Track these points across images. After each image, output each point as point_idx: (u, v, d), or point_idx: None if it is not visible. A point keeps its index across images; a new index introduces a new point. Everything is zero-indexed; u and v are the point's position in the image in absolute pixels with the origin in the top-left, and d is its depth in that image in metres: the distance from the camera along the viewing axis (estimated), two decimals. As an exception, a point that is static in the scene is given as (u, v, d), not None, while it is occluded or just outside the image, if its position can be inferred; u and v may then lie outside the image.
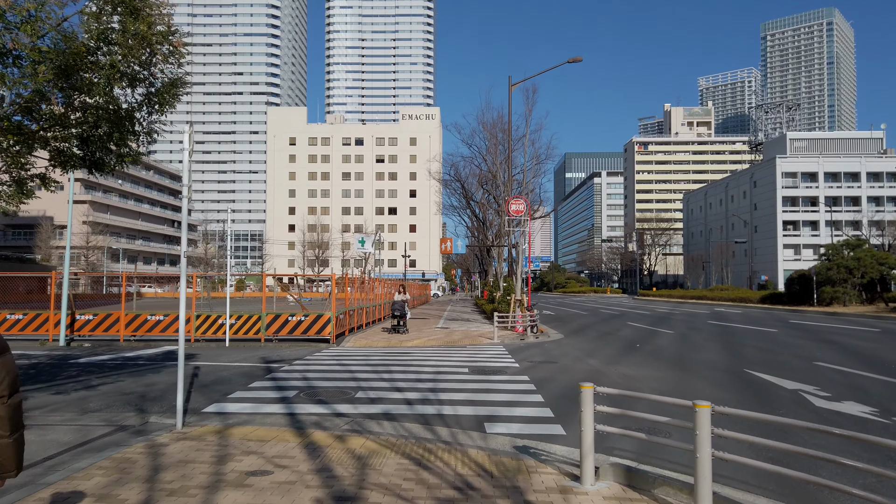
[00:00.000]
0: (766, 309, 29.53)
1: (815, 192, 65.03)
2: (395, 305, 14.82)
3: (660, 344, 13.40)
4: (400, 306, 14.77)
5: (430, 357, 10.72)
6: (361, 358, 10.47)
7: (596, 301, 48.22)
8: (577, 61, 20.84)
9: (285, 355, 10.93)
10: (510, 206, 17.11)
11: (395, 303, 14.91)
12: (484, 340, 14.29)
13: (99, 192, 75.69)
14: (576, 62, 20.86)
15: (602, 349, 12.39)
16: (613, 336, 15.71)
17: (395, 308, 14.82)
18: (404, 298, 15.20)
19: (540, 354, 11.43)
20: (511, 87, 20.82)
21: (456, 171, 32.77)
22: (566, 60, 21.05)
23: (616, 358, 10.80)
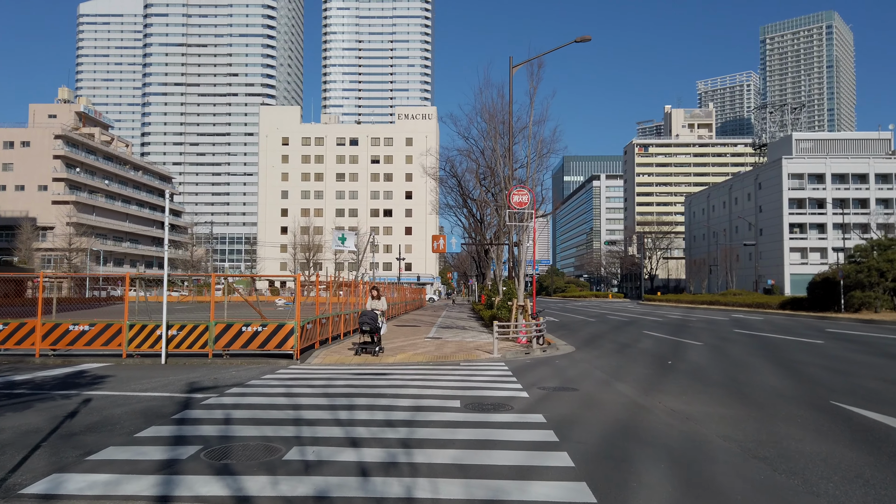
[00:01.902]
0: (789, 315, 27.27)
1: (823, 193, 63.14)
2: (364, 317, 11.35)
3: (695, 360, 11.03)
4: (371, 318, 11.30)
5: (413, 380, 8.31)
6: (322, 383, 8.05)
7: (599, 306, 45.89)
8: (585, 40, 18.61)
9: (225, 378, 8.49)
10: (512, 198, 14.76)
11: (365, 313, 11.40)
12: (481, 355, 11.91)
13: (84, 193, 73.21)
14: (584, 41, 18.62)
15: (627, 368, 10.01)
16: (633, 349, 13.35)
17: (363, 320, 11.33)
18: (378, 308, 11.77)
19: (552, 376, 9.04)
20: (512, 68, 18.53)
21: (452, 166, 30.50)
22: (573, 40, 18.81)
23: (651, 381, 8.42)
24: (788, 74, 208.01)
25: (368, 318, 11.38)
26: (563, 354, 12.40)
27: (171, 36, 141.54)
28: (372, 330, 11.42)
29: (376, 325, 11.39)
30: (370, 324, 11.35)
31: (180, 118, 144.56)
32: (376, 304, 11.86)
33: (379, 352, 11.48)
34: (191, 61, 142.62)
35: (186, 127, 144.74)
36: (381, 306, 11.81)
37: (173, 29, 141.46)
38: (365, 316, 11.45)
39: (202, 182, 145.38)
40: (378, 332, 11.48)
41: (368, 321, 11.37)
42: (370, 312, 11.46)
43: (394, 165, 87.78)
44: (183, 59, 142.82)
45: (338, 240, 16.00)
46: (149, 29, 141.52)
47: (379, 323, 11.51)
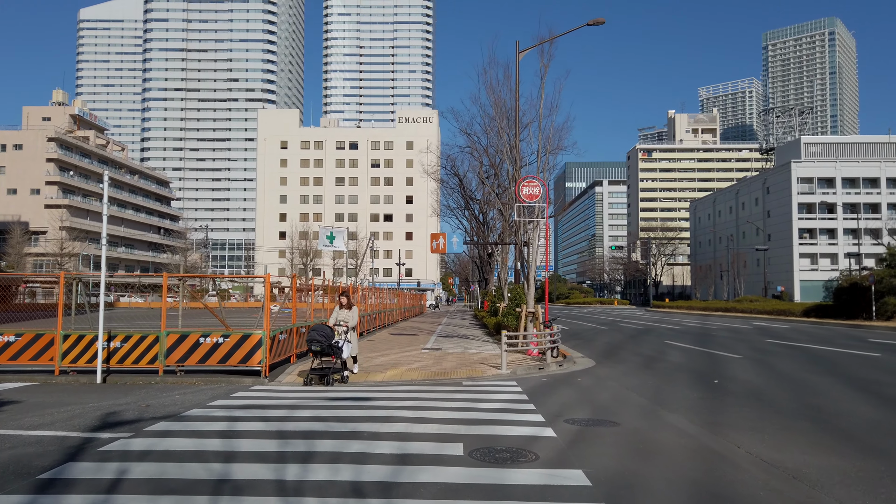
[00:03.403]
0: (815, 323, 25.38)
1: (833, 198, 61.46)
2: (314, 333, 8.21)
3: (746, 379, 9.16)
4: (322, 334, 8.20)
5: (402, 408, 6.46)
6: (281, 413, 6.19)
7: (606, 313, 43.95)
8: (598, 23, 16.91)
9: (160, 406, 6.63)
10: (522, 190, 12.96)
11: (316, 328, 8.29)
12: (487, 370, 10.05)
13: (78, 197, 71.72)
14: (597, 24, 16.91)
15: (668, 389, 8.15)
16: (663, 363, 11.48)
17: (311, 337, 8.20)
18: (344, 320, 8.86)
19: (578, 401, 7.18)
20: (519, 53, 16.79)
21: (453, 165, 28.78)
22: (586, 23, 17.11)
23: (708, 410, 6.56)
24: (791, 81, 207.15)
25: (319, 335, 8.16)
26: (583, 370, 10.53)
27: (171, 41, 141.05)
28: (324, 351, 8.26)
29: (332, 344, 8.28)
30: (321, 342, 8.14)
31: (180, 123, 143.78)
32: (345, 314, 8.92)
33: (340, 381, 8.51)
34: (191, 66, 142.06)
35: (186, 132, 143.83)
36: (350, 319, 8.91)
37: (173, 34, 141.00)
38: (315, 332, 8.20)
39: (202, 188, 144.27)
40: (337, 353, 8.41)
41: (318, 338, 8.14)
42: (322, 327, 8.36)
43: (394, 169, 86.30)
44: (183, 64, 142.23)
45: (326, 238, 14.21)
46: (149, 34, 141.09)
47: (338, 341, 8.52)
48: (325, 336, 8.28)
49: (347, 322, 8.92)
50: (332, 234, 14.29)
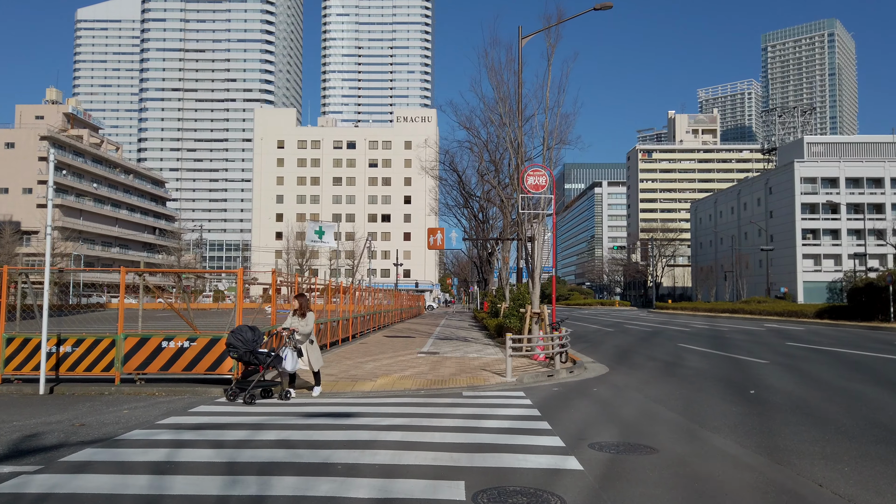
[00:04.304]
0: (831, 325, 24.34)
1: (836, 198, 60.60)
2: (233, 337, 6.65)
3: (783, 388, 8.08)
4: (242, 339, 6.62)
5: (389, 430, 5.34)
6: (241, 436, 5.07)
7: (609, 314, 42.88)
8: (606, 7, 15.87)
9: (98, 425, 5.49)
10: (527, 180, 11.88)
11: (236, 331, 6.71)
12: (490, 377, 8.96)
13: (71, 196, 70.51)
14: (605, 9, 15.86)
15: (700, 401, 7.07)
16: (684, 369, 10.39)
17: (230, 341, 6.67)
18: (298, 329, 7.14)
19: (599, 417, 6.09)
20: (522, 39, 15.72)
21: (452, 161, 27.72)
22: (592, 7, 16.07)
23: (758, 429, 5.48)
24: (790, 82, 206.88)
25: (235, 339, 6.58)
26: (596, 377, 9.44)
27: (168, 41, 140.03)
28: (249, 361, 6.67)
29: (252, 352, 6.57)
30: (237, 348, 6.58)
31: (178, 124, 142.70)
32: (295, 322, 7.21)
33: (279, 398, 6.92)
34: (188, 67, 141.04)
35: (184, 133, 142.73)
36: (301, 327, 7.18)
37: (171, 34, 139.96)
38: (232, 335, 6.64)
39: (199, 188, 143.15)
40: (270, 365, 6.79)
41: (234, 343, 6.59)
42: (242, 330, 6.68)
43: (392, 169, 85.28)
44: (181, 64, 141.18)
45: (314, 233, 13.11)
46: (146, 34, 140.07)
47: (273, 350, 6.87)
48: (243, 341, 6.63)
49: (297, 330, 7.21)
50: (322, 229, 13.21)
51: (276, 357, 6.93)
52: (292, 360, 7.01)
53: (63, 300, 54.04)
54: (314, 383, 7.53)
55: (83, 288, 62.44)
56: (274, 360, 6.90)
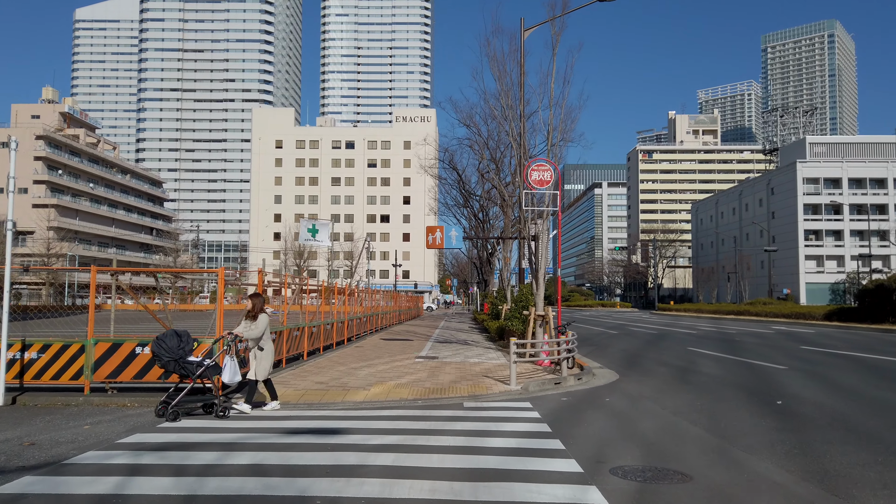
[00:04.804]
0: (841, 327, 23.72)
1: (839, 199, 60.13)
2: (156, 344, 5.91)
3: (814, 399, 7.45)
4: (168, 347, 5.84)
5: (379, 452, 4.69)
6: (212, 457, 4.41)
7: (610, 316, 42.27)
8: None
9: (50, 444, 4.82)
10: (531, 175, 11.26)
11: (160, 338, 5.94)
12: (493, 385, 8.32)
13: (67, 196, 69.83)
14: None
15: (724, 413, 6.44)
16: (698, 375, 9.77)
17: (155, 350, 5.93)
18: (244, 335, 6.34)
19: (617, 434, 5.46)
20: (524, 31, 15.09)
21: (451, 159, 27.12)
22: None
23: (801, 448, 4.86)
24: (790, 83, 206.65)
25: (159, 348, 5.81)
26: (607, 385, 8.80)
27: (167, 41, 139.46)
28: (174, 371, 5.91)
29: (178, 361, 5.78)
30: (161, 357, 5.81)
31: (176, 124, 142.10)
32: (243, 327, 6.40)
33: (219, 414, 5.98)
34: (187, 67, 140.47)
35: (182, 133, 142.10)
36: (247, 332, 6.36)
37: (169, 34, 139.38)
38: (157, 344, 5.85)
39: (198, 189, 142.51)
40: (203, 377, 6.00)
41: (157, 352, 5.84)
42: (168, 336, 5.87)
43: (391, 169, 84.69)
44: (179, 64, 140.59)
45: (307, 231, 12.47)
46: (144, 34, 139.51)
47: (205, 359, 6.05)
48: (167, 350, 5.79)
49: (241, 335, 6.31)
50: (315, 227, 12.56)
51: (211, 367, 6.09)
52: (232, 371, 6.06)
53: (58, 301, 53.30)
54: (269, 398, 6.55)
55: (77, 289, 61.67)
56: (208, 371, 6.04)
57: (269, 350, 6.62)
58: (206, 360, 6.15)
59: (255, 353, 6.49)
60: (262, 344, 6.51)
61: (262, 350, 6.52)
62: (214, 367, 6.17)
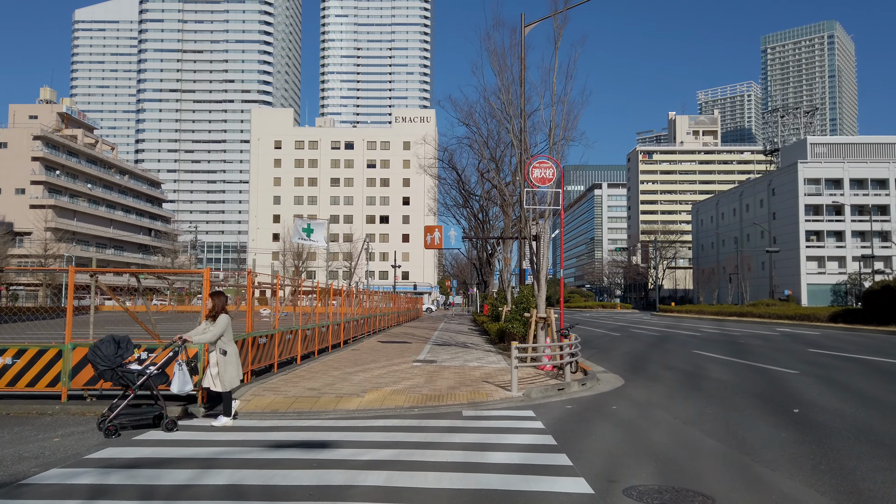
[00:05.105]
0: (847, 329, 23.35)
1: (840, 199, 59.86)
2: (91, 352, 5.47)
3: (832, 406, 7.08)
4: (101, 354, 5.38)
5: (369, 469, 4.30)
6: (186, 476, 4.02)
7: (611, 317, 41.89)
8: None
9: (12, 460, 4.40)
10: (532, 173, 10.90)
11: (96, 344, 5.47)
12: (494, 392, 7.94)
13: (65, 197, 69.43)
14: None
15: (739, 423, 6.06)
16: (706, 380, 9.39)
17: (92, 362, 5.49)
18: (194, 339, 5.86)
19: (629, 448, 5.08)
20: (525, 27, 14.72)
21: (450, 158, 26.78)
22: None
23: (828, 464, 4.50)
24: (790, 84, 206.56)
25: (94, 356, 5.33)
26: (612, 391, 8.42)
27: (166, 42, 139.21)
28: (112, 380, 5.47)
29: (115, 369, 5.33)
30: (98, 366, 5.36)
31: (175, 125, 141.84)
32: (204, 330, 5.94)
33: (167, 427, 5.49)
34: (186, 67, 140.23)
35: (181, 134, 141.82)
36: (203, 336, 5.86)
37: (168, 35, 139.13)
38: (93, 351, 5.37)
39: (197, 190, 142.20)
40: (144, 386, 5.47)
41: (94, 361, 5.36)
42: (101, 345, 5.35)
43: (390, 170, 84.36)
44: (178, 65, 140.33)
45: (301, 231, 12.10)
46: (144, 35, 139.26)
47: (147, 367, 5.55)
48: (102, 357, 5.29)
49: (191, 338, 5.79)
50: (310, 227, 12.18)
51: (156, 375, 5.54)
52: (181, 380, 5.50)
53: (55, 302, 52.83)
54: (221, 411, 5.88)
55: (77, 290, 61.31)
56: (152, 380, 5.49)
57: (233, 355, 6.02)
58: (149, 367, 5.58)
59: (218, 358, 5.88)
60: (224, 347, 5.93)
61: (225, 355, 5.92)
62: (160, 375, 5.62)
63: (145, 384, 5.52)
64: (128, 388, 5.48)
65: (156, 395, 5.64)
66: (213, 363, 5.89)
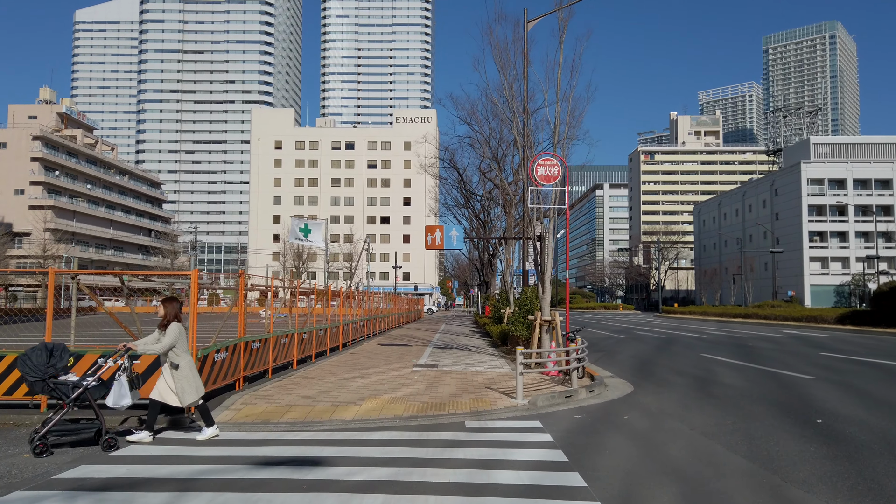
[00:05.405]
0: (856, 332, 22.91)
1: (844, 199, 59.45)
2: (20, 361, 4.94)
3: (856, 416, 6.68)
4: (31, 364, 4.85)
5: (366, 489, 3.88)
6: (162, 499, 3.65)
7: (614, 318, 41.50)
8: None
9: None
10: (537, 171, 10.52)
11: (29, 353, 4.90)
12: (498, 400, 7.56)
13: (64, 197, 69.17)
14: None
15: (761, 435, 5.68)
16: (719, 386, 8.99)
17: (25, 372, 4.86)
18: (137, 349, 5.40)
19: (647, 465, 4.69)
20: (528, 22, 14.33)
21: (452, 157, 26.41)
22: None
23: (869, 486, 4.11)
24: (791, 84, 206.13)
25: (24, 366, 4.87)
26: (621, 398, 8.03)
27: (166, 42, 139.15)
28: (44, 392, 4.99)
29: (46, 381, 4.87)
30: (27, 378, 4.90)
31: (176, 126, 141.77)
32: (154, 340, 5.46)
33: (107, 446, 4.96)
34: (187, 68, 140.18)
35: (182, 134, 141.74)
36: (150, 347, 5.40)
37: (169, 35, 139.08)
38: (22, 361, 4.90)
39: (198, 190, 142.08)
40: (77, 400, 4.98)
41: (24, 371, 4.89)
42: (32, 354, 4.90)
43: (391, 170, 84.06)
44: (179, 65, 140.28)
45: (298, 231, 11.72)
46: (144, 35, 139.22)
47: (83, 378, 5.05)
48: (32, 368, 4.82)
49: (136, 348, 5.33)
50: (308, 227, 11.81)
51: (94, 387, 5.03)
52: (118, 393, 5.00)
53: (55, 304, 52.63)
54: (199, 421, 5.43)
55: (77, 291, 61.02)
56: (89, 392, 5.00)
57: (187, 368, 5.45)
58: (86, 378, 5.06)
59: (171, 373, 5.34)
60: (177, 360, 5.38)
61: (177, 369, 5.36)
62: (98, 387, 5.08)
63: (82, 397, 4.99)
64: (61, 402, 4.95)
65: (96, 410, 5.10)
66: (168, 376, 5.41)
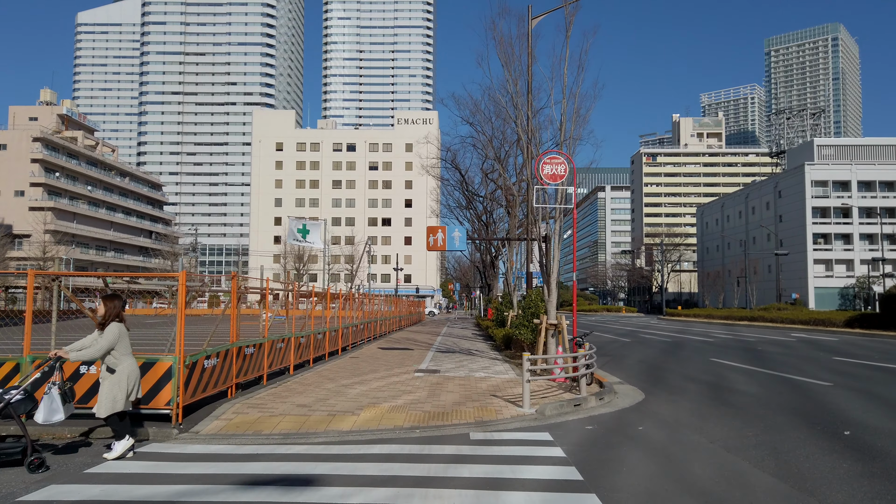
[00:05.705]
0: (865, 335, 22.49)
1: (848, 202, 58.99)
2: None
3: (878, 426, 6.29)
4: None
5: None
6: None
7: (618, 321, 41.07)
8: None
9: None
10: (542, 169, 10.15)
11: None
12: (504, 409, 7.17)
13: (64, 199, 68.99)
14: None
15: (787, 449, 5.29)
16: (733, 393, 8.59)
17: None
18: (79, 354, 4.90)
19: (669, 486, 4.32)
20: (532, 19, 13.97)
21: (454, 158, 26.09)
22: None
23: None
24: (794, 86, 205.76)
25: None
26: (633, 407, 7.64)
27: (168, 44, 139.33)
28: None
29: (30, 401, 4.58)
30: None
31: (177, 127, 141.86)
32: (90, 343, 4.97)
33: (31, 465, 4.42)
34: (188, 70, 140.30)
35: (184, 136, 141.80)
36: (86, 352, 4.90)
37: (171, 37, 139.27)
38: None
39: (199, 192, 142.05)
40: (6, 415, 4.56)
41: None
42: None
43: (393, 172, 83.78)
44: (181, 67, 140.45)
45: (296, 231, 11.40)
46: (146, 37, 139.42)
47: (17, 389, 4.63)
48: None
49: (67, 354, 4.86)
50: (306, 227, 11.49)
51: (19, 401, 4.51)
52: (49, 408, 4.50)
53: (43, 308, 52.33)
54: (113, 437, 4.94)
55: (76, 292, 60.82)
56: (12, 407, 4.49)
57: (123, 374, 4.94)
58: (10, 391, 4.54)
59: (107, 377, 4.88)
60: (113, 365, 4.94)
61: (113, 373, 4.91)
62: (25, 400, 4.56)
63: (4, 412, 4.48)
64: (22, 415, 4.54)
65: (22, 427, 4.57)
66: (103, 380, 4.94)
